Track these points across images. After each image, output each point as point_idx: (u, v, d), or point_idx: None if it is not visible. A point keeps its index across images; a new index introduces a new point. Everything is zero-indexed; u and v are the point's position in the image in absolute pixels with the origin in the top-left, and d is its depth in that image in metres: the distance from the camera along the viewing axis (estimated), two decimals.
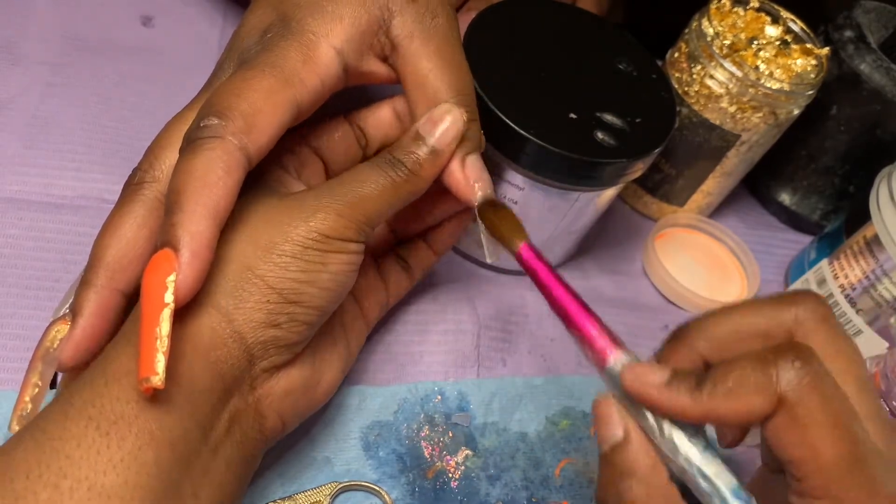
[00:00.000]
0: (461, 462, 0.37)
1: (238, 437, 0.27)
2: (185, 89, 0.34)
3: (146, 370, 0.23)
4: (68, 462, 0.23)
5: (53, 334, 0.30)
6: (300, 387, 0.30)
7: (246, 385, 0.28)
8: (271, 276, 0.27)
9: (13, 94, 0.42)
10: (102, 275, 0.29)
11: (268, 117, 0.28)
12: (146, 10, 0.49)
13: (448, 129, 0.31)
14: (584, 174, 0.37)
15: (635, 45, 0.43)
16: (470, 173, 0.31)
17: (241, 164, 0.27)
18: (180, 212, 0.26)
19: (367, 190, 0.29)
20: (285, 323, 0.28)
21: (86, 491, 0.22)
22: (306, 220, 0.28)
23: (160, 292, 0.24)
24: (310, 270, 0.28)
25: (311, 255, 0.28)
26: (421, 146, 0.30)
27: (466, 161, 0.32)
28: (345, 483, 0.34)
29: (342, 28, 0.30)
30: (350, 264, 0.29)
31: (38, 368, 0.29)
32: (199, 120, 0.27)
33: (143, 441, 0.24)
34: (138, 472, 0.23)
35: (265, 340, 0.27)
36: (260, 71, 0.28)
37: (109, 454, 0.23)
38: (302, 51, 0.29)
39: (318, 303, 0.28)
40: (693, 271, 0.49)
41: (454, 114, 0.31)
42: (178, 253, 0.25)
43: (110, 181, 0.40)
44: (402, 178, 0.30)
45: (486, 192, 0.32)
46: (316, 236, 0.28)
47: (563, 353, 0.42)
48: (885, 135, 0.47)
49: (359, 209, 0.29)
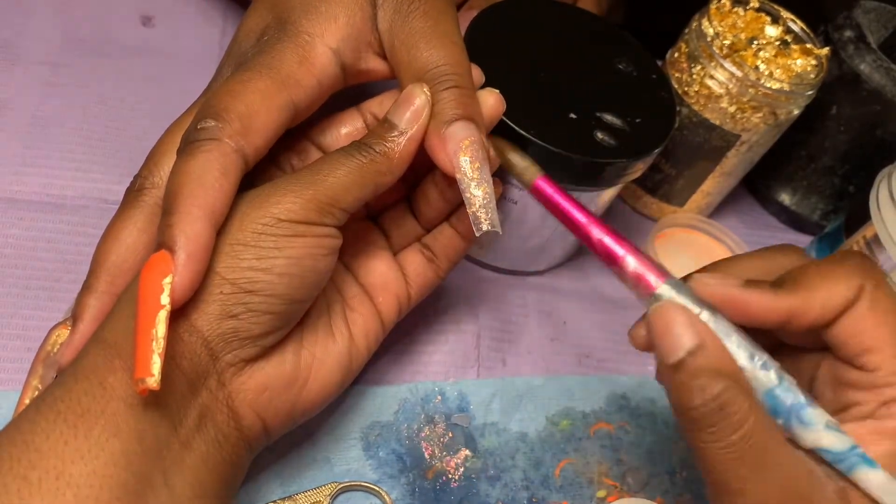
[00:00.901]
0: (461, 462, 0.37)
1: (213, 435, 0.27)
2: (185, 89, 0.34)
3: (141, 371, 0.23)
4: (37, 455, 0.23)
5: (54, 338, 0.30)
6: (279, 384, 0.29)
7: (213, 380, 0.27)
8: (222, 266, 0.26)
9: (13, 94, 0.42)
10: (103, 280, 0.29)
11: (264, 119, 0.28)
12: (146, 10, 0.49)
13: (416, 109, 0.30)
14: (584, 174, 0.37)
15: (635, 45, 0.43)
16: (450, 145, 0.30)
17: (238, 166, 0.27)
18: (177, 213, 0.26)
19: (330, 171, 0.28)
20: (242, 314, 0.27)
21: (54, 480, 0.23)
22: (260, 205, 0.27)
23: (156, 294, 0.24)
24: (264, 257, 0.27)
25: (265, 240, 0.27)
26: (389, 129, 0.30)
27: (446, 132, 0.30)
28: (345, 483, 0.34)
29: (337, 28, 0.30)
30: (315, 248, 0.28)
31: (39, 372, 0.29)
32: (196, 122, 0.27)
33: (109, 433, 0.24)
34: (105, 462, 0.23)
35: (222, 332, 0.27)
36: (256, 73, 0.29)
37: (77, 444, 0.23)
38: (298, 52, 0.29)
39: (279, 290, 0.27)
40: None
41: (417, 91, 0.30)
42: (175, 254, 0.25)
43: (110, 181, 0.40)
44: (368, 159, 0.29)
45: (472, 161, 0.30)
46: (269, 220, 0.27)
47: (563, 353, 0.42)
48: (885, 135, 0.47)
49: (320, 190, 0.28)
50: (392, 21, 0.31)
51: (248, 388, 0.28)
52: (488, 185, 0.30)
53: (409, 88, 0.30)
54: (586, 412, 0.40)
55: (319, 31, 0.30)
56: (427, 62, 0.30)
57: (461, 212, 0.35)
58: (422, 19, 0.31)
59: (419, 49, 0.30)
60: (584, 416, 0.40)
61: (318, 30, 0.30)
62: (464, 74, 0.31)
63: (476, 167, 0.30)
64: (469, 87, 0.31)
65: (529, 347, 0.42)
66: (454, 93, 0.30)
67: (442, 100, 0.30)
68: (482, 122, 0.31)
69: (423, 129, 0.30)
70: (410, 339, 0.40)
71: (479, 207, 0.30)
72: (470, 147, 0.29)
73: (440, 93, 0.30)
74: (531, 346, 0.42)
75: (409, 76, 0.30)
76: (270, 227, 0.27)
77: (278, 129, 0.29)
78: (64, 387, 0.25)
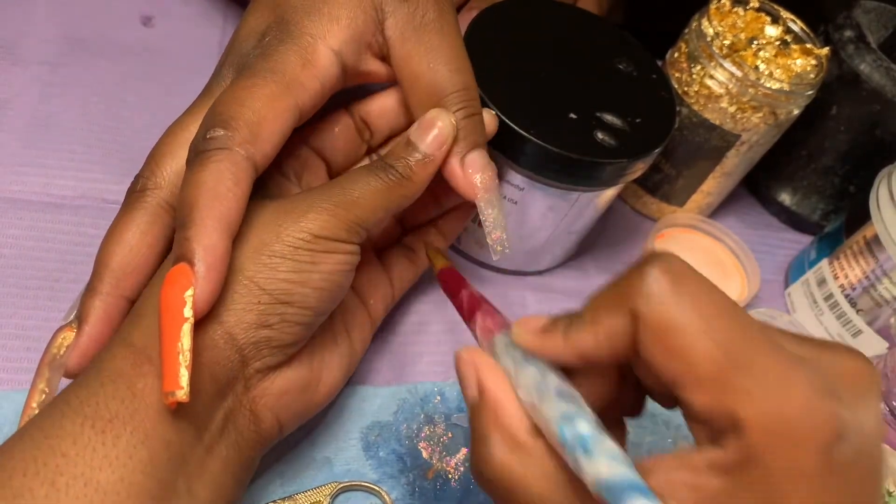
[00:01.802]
0: (461, 462, 0.37)
1: (233, 438, 0.28)
2: (185, 89, 0.34)
3: (170, 384, 0.23)
4: (64, 460, 0.23)
5: (60, 341, 0.30)
6: (297, 387, 0.30)
7: (240, 385, 0.28)
8: (261, 276, 0.27)
9: (13, 94, 0.42)
10: (107, 282, 0.29)
11: (271, 125, 0.28)
12: (146, 10, 0.49)
13: (438, 134, 0.31)
14: (584, 174, 0.37)
15: (635, 45, 0.43)
16: (471, 171, 0.32)
17: (249, 174, 0.27)
18: (193, 226, 0.26)
19: (359, 192, 0.29)
20: (277, 324, 0.28)
21: (82, 487, 0.23)
22: (297, 220, 0.28)
23: (179, 307, 0.25)
24: (301, 271, 0.28)
25: (302, 255, 0.28)
26: (413, 152, 0.31)
27: (466, 159, 0.32)
28: (345, 483, 0.34)
29: (339, 29, 0.30)
30: (343, 265, 0.29)
31: (45, 375, 0.29)
32: (204, 130, 0.28)
33: (137, 439, 0.24)
34: (133, 470, 0.23)
35: (257, 341, 0.27)
36: (261, 78, 0.29)
37: (105, 451, 0.23)
38: (301, 55, 0.29)
39: (311, 303, 0.28)
40: None
41: (443, 118, 0.31)
42: (194, 267, 0.25)
43: (110, 181, 0.40)
44: (394, 181, 0.30)
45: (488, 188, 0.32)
46: (306, 236, 0.28)
47: None
48: (885, 135, 0.47)
49: (350, 210, 0.29)
50: (404, 30, 0.31)
51: (271, 393, 0.29)
52: (503, 213, 0.33)
53: (435, 113, 0.31)
54: None
55: (322, 32, 0.30)
56: (448, 84, 0.31)
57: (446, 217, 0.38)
58: (437, 35, 0.32)
59: (438, 67, 0.31)
60: None
61: (321, 31, 0.30)
62: (478, 102, 0.33)
63: (495, 196, 0.33)
64: (480, 114, 0.33)
65: None
66: (474, 121, 0.32)
67: (463, 127, 0.31)
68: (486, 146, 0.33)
69: (445, 154, 0.31)
70: (411, 339, 0.40)
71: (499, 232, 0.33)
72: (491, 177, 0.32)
73: (461, 120, 0.31)
74: None
75: (427, 93, 0.31)
76: (307, 242, 0.28)
77: (285, 133, 0.29)
78: (89, 389, 0.25)
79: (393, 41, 0.31)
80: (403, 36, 0.31)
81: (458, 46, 0.32)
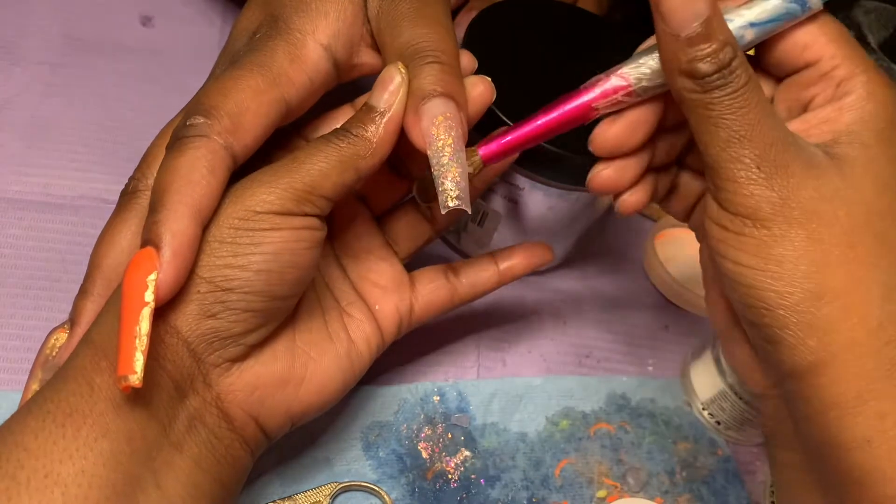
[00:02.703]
0: (461, 463, 0.37)
1: (205, 437, 0.27)
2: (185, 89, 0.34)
3: (124, 368, 0.23)
4: (26, 454, 0.23)
5: (52, 342, 0.30)
6: (270, 382, 0.29)
7: (199, 382, 0.27)
8: (200, 264, 0.26)
9: (13, 94, 0.42)
10: (99, 283, 0.29)
11: (254, 116, 0.28)
12: (146, 10, 0.49)
13: (393, 88, 0.28)
14: (584, 174, 0.37)
15: (635, 45, 0.43)
16: (424, 120, 0.28)
17: (226, 164, 0.27)
18: (163, 210, 0.25)
19: (309, 159, 0.27)
20: (221, 313, 0.26)
21: (42, 479, 0.23)
22: (238, 199, 0.27)
23: (141, 291, 0.24)
24: (240, 254, 0.26)
25: (242, 235, 0.26)
26: (369, 112, 0.28)
27: (420, 108, 0.28)
28: (345, 483, 0.34)
29: (327, 24, 0.30)
30: (295, 241, 0.27)
31: (39, 375, 0.30)
32: (185, 118, 0.27)
33: (97, 432, 0.24)
34: (94, 462, 0.23)
35: (203, 333, 0.26)
36: (247, 70, 0.28)
37: (65, 444, 0.23)
38: (289, 49, 0.29)
39: (257, 287, 0.26)
40: (693, 271, 0.49)
41: (392, 70, 0.28)
42: (160, 251, 0.25)
43: (110, 181, 0.40)
44: (348, 143, 0.28)
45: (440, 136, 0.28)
46: (244, 214, 0.26)
47: (563, 353, 0.42)
48: None
49: (297, 178, 0.27)
50: (380, 7, 0.31)
51: (237, 389, 0.28)
52: (460, 165, 0.28)
53: (387, 68, 0.29)
54: (586, 412, 0.40)
55: (310, 27, 0.30)
56: (408, 40, 0.29)
57: (510, 251, 0.36)
58: (408, 2, 0.30)
59: (402, 29, 0.29)
60: (584, 416, 0.40)
61: (309, 27, 0.30)
62: (446, 51, 0.29)
63: (448, 144, 0.28)
64: (451, 65, 0.29)
65: (529, 347, 0.42)
66: (434, 68, 0.28)
67: (419, 75, 0.28)
68: (464, 100, 0.29)
69: (402, 107, 0.28)
70: (410, 339, 0.40)
71: (448, 185, 0.28)
72: (443, 123, 0.28)
73: (419, 68, 0.28)
74: (531, 346, 0.42)
75: (391, 56, 0.30)
76: (247, 220, 0.26)
77: (268, 126, 0.29)
78: (53, 388, 0.25)
79: (372, 21, 0.31)
80: (379, 14, 0.30)
81: (433, 10, 0.30)
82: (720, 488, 0.40)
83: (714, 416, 0.41)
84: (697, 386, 0.42)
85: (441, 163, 0.28)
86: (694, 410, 0.42)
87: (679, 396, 0.43)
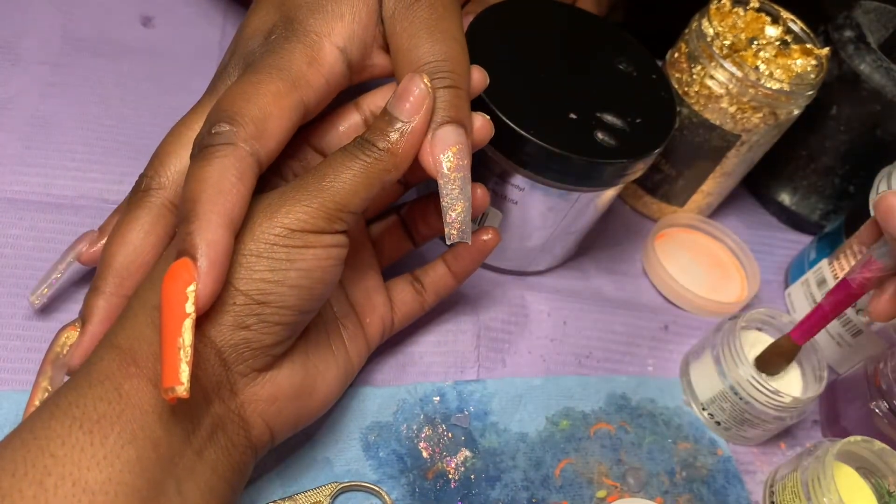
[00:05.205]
0: (461, 463, 0.37)
1: (223, 444, 0.27)
2: (186, 89, 0.34)
3: (170, 380, 0.23)
4: (53, 460, 0.23)
5: (63, 339, 0.30)
6: (289, 394, 0.29)
7: (226, 390, 0.27)
8: (236, 277, 0.26)
9: (13, 94, 0.42)
10: (111, 281, 0.29)
11: (277, 121, 0.28)
12: (146, 11, 0.49)
13: (415, 100, 0.28)
14: (584, 174, 0.37)
15: (635, 45, 0.43)
16: (438, 147, 0.29)
17: (253, 170, 0.27)
18: (196, 220, 0.25)
19: (338, 176, 0.28)
20: (255, 325, 0.27)
21: (70, 487, 0.23)
22: (271, 216, 0.27)
23: (181, 302, 0.24)
24: (277, 269, 0.27)
25: (278, 251, 0.27)
26: (391, 123, 0.28)
27: (436, 133, 0.29)
28: (345, 483, 0.34)
29: (343, 26, 0.30)
30: (325, 259, 0.28)
31: (49, 373, 0.30)
32: (209, 125, 0.27)
33: (125, 440, 0.24)
34: (121, 469, 0.23)
35: (236, 343, 0.27)
36: (267, 74, 0.28)
37: (93, 451, 0.23)
38: (307, 52, 0.29)
39: (290, 302, 0.27)
40: (693, 271, 0.49)
41: (416, 82, 0.28)
42: (197, 262, 0.25)
43: (110, 181, 0.40)
44: (374, 158, 0.28)
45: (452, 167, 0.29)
46: (280, 231, 0.27)
47: (563, 354, 0.42)
48: (885, 135, 0.47)
49: (329, 198, 0.27)
50: (395, 9, 0.31)
51: (260, 399, 0.29)
52: (466, 198, 0.30)
53: (410, 77, 0.29)
54: (586, 412, 0.40)
55: (327, 30, 0.30)
56: (428, 54, 0.29)
57: (457, 250, 0.36)
58: (427, 10, 0.30)
59: (421, 38, 0.30)
60: (584, 416, 0.40)
61: (326, 29, 0.30)
62: (462, 75, 0.30)
63: (459, 176, 0.29)
64: (465, 90, 0.30)
65: (529, 347, 0.42)
66: (450, 93, 0.29)
67: (437, 98, 0.29)
68: (472, 128, 0.30)
69: (426, 122, 0.29)
70: (410, 339, 0.40)
71: (455, 217, 0.30)
72: (456, 154, 0.29)
73: (436, 90, 0.29)
74: (531, 347, 0.42)
75: (407, 64, 0.30)
76: (282, 237, 0.27)
77: (290, 130, 0.29)
78: (77, 391, 0.25)
79: (386, 22, 0.31)
80: (394, 16, 0.31)
81: (449, 20, 0.30)
82: (720, 488, 0.40)
83: (714, 416, 0.41)
84: (697, 386, 0.42)
85: (452, 195, 0.29)
86: (694, 410, 0.42)
87: (679, 396, 0.43)
